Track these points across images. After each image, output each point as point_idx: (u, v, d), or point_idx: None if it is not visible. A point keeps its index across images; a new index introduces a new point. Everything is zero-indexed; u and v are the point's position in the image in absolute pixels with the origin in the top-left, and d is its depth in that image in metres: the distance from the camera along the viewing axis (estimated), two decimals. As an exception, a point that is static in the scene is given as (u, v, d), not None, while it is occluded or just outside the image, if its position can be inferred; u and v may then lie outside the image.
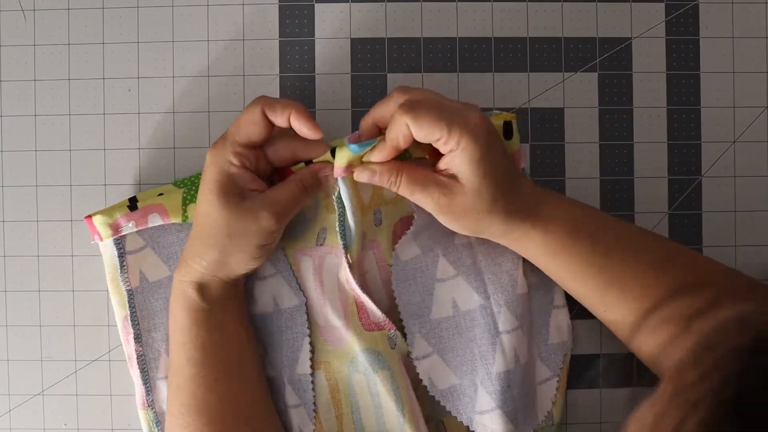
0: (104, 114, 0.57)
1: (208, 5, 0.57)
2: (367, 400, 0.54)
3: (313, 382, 0.54)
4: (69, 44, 0.57)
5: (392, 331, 0.53)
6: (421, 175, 0.49)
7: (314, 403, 0.54)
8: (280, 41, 0.57)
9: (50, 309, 0.57)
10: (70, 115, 0.57)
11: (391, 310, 0.55)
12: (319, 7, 0.57)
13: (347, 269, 0.52)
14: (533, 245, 0.51)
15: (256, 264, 0.51)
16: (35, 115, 0.57)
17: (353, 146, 0.50)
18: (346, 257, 0.52)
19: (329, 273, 0.54)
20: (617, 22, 0.58)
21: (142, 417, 0.55)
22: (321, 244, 0.54)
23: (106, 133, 0.57)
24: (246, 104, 0.57)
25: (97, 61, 0.57)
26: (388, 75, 0.57)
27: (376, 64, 0.57)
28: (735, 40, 0.58)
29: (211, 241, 0.49)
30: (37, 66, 0.57)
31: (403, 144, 0.49)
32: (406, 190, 0.50)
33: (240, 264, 0.50)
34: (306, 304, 0.54)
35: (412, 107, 0.47)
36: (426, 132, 0.47)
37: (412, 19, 0.57)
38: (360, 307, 0.53)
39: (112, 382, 0.57)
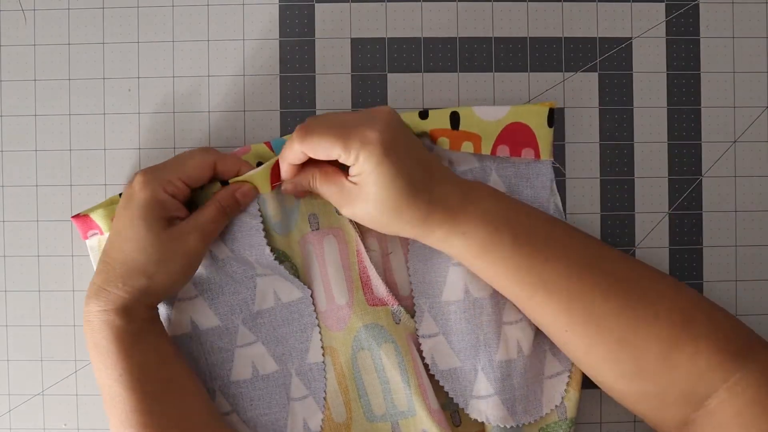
0: (104, 114, 0.57)
1: (208, 5, 0.57)
2: (373, 379, 0.54)
3: (324, 369, 0.55)
4: (69, 44, 0.57)
5: (395, 306, 0.55)
6: (332, 176, 0.51)
7: (324, 390, 0.55)
8: (280, 41, 0.57)
9: (50, 309, 0.57)
10: (70, 115, 0.57)
11: (412, 290, 0.56)
12: (319, 7, 0.57)
13: (359, 240, 0.55)
14: (455, 249, 0.51)
15: (179, 288, 0.53)
16: (35, 115, 0.57)
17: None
18: (356, 228, 0.55)
19: (330, 254, 0.55)
20: (617, 22, 0.58)
21: None
22: (316, 229, 0.55)
23: (106, 133, 0.57)
24: (246, 104, 0.57)
25: (97, 61, 0.57)
26: (388, 75, 0.57)
27: (376, 64, 0.57)
28: (735, 40, 0.58)
29: (136, 267, 0.49)
30: (37, 66, 0.57)
31: (297, 162, 0.51)
32: (321, 188, 0.52)
33: (165, 289, 0.51)
34: (311, 296, 0.55)
35: (304, 130, 0.49)
36: (319, 152, 0.49)
37: (412, 19, 0.57)
38: (365, 282, 0.55)
39: (112, 382, 0.57)
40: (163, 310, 0.55)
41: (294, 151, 0.50)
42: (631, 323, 0.49)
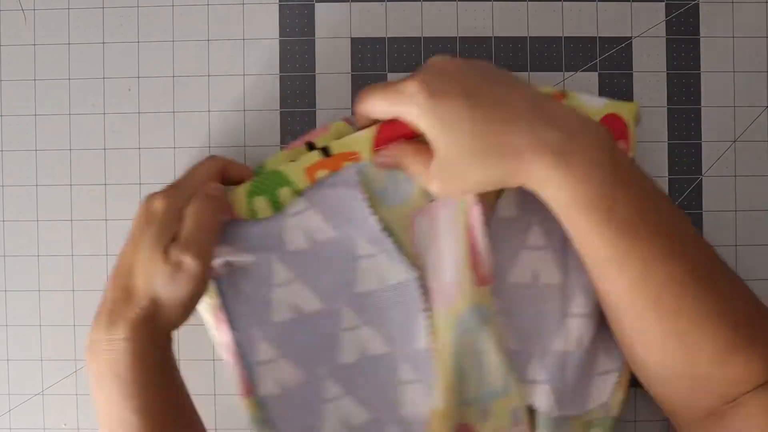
0: (104, 114, 0.57)
1: (208, 5, 0.57)
2: (470, 362, 0.52)
3: (433, 355, 0.52)
4: (69, 44, 0.57)
5: None
6: (423, 151, 0.49)
7: (433, 376, 0.52)
8: (280, 41, 0.57)
9: (50, 309, 0.57)
10: (70, 115, 0.57)
11: None
12: (319, 7, 0.57)
13: (476, 214, 0.51)
14: (548, 197, 0.48)
15: (191, 314, 0.50)
16: (35, 115, 0.57)
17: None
18: (476, 199, 0.51)
19: (444, 227, 0.52)
20: (617, 22, 0.58)
21: (246, 405, 0.52)
22: (431, 201, 0.53)
23: (106, 133, 0.57)
24: (246, 104, 0.57)
25: (97, 61, 0.57)
26: (388, 75, 0.57)
27: (376, 64, 0.57)
28: (735, 40, 0.58)
29: (156, 295, 0.47)
30: (37, 66, 0.57)
31: (368, 118, 0.52)
32: (411, 164, 0.50)
33: (185, 313, 0.49)
34: (418, 277, 0.52)
35: (362, 95, 0.51)
36: (375, 110, 0.50)
37: (412, 19, 0.57)
38: (475, 259, 0.51)
39: (112, 382, 0.57)
40: (263, 294, 0.53)
41: (359, 115, 0.52)
42: (697, 320, 0.47)
